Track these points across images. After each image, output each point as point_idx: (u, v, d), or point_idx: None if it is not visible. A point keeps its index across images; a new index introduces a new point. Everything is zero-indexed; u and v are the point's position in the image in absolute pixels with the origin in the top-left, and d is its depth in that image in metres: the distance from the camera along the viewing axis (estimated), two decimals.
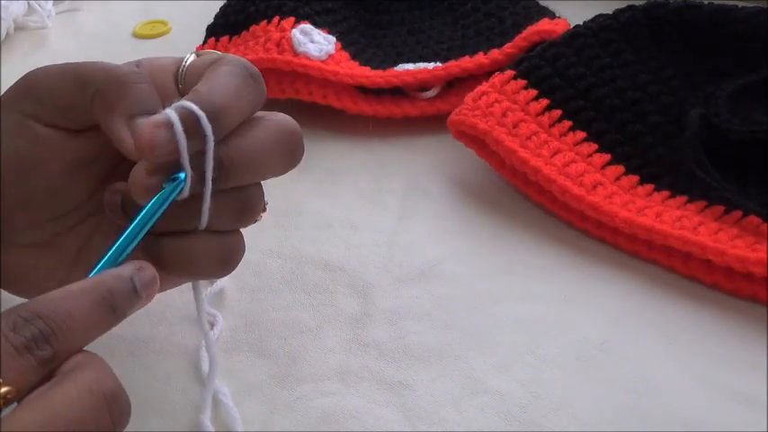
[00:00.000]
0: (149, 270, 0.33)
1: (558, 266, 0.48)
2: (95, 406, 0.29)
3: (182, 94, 0.37)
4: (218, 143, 0.34)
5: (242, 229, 0.38)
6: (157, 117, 0.33)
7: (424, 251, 0.49)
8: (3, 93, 0.38)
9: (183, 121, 0.33)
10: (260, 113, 0.37)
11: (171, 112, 0.33)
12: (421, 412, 0.40)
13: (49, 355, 0.29)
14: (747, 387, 0.40)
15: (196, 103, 0.33)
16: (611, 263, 0.48)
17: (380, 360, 0.43)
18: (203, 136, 0.33)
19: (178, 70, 0.38)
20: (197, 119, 0.33)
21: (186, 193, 0.34)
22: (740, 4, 0.54)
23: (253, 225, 0.38)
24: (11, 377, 0.28)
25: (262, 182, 0.38)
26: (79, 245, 0.39)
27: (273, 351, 0.43)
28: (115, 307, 0.31)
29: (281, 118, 0.37)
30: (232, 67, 0.36)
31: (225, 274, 0.38)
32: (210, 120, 0.33)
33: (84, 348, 0.31)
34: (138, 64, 0.38)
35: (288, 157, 0.38)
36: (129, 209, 0.36)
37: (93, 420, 0.29)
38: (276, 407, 0.41)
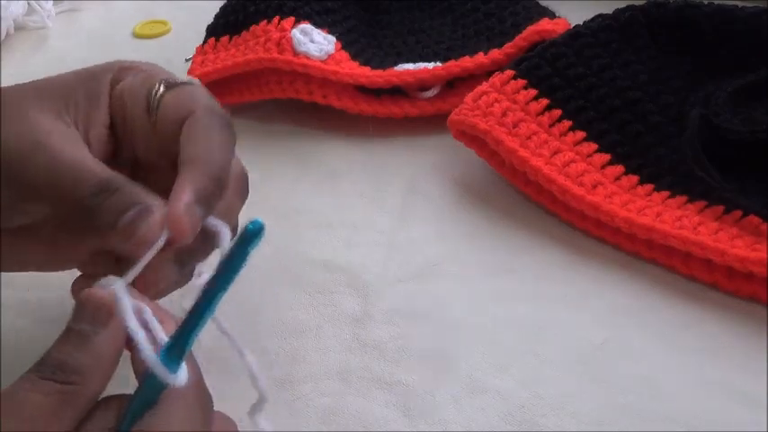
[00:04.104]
0: None
1: (558, 266, 0.48)
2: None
3: (152, 126, 0.37)
4: None
5: None
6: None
7: (424, 251, 0.49)
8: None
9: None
10: None
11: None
12: (421, 412, 0.40)
13: None
14: (747, 387, 0.40)
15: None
16: (611, 263, 0.48)
17: (380, 360, 0.43)
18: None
19: (149, 96, 0.38)
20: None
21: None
22: (740, 4, 0.54)
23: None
24: None
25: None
26: None
27: (273, 351, 0.43)
28: None
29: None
30: (220, 130, 0.37)
31: None
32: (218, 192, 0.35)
33: None
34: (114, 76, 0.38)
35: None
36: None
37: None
38: (276, 407, 0.41)
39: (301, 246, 0.50)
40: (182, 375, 0.30)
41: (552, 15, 0.61)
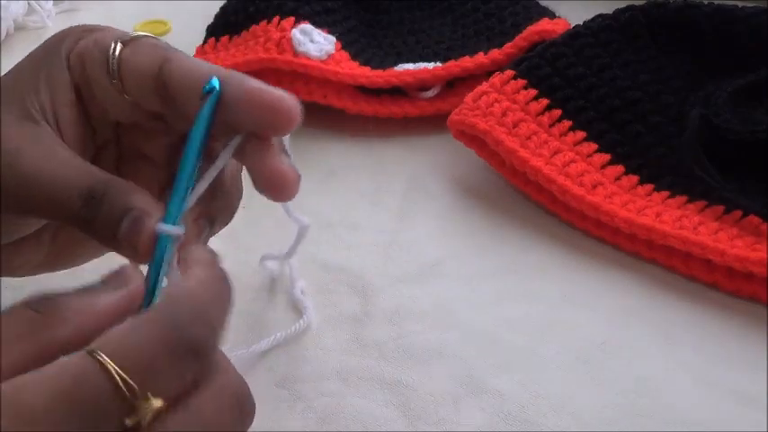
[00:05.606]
0: None
1: (558, 266, 0.48)
2: (230, 405, 0.29)
3: (118, 87, 0.35)
4: None
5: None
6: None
7: (424, 251, 0.49)
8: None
9: None
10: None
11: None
12: (421, 412, 0.40)
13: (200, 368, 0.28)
14: (747, 387, 0.40)
15: None
16: (611, 263, 0.48)
17: (380, 360, 0.43)
18: None
19: (107, 57, 0.35)
20: None
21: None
22: (740, 4, 0.54)
23: (253, 225, 0.38)
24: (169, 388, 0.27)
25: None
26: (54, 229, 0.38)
27: (274, 351, 0.43)
28: None
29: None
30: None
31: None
32: None
33: None
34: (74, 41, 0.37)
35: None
36: None
37: (229, 422, 0.29)
38: (276, 407, 0.41)
39: (301, 246, 0.50)
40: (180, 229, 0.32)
41: (552, 15, 0.61)
